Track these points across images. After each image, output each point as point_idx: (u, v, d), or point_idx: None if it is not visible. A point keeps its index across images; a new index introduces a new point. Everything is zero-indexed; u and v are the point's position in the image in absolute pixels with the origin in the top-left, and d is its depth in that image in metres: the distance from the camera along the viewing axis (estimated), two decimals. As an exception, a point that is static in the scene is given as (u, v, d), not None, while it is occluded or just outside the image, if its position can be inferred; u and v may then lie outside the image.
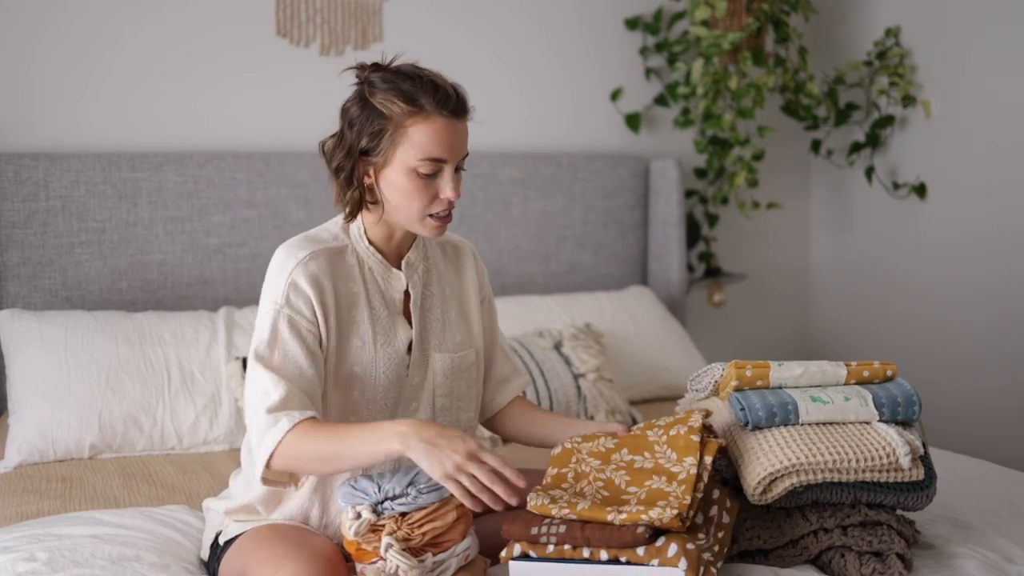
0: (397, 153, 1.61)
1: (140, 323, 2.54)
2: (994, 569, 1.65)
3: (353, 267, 1.70)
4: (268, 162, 2.85)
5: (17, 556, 1.69)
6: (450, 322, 1.79)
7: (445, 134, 1.61)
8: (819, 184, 3.73)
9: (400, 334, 1.72)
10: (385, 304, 1.72)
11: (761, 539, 1.68)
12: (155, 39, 2.82)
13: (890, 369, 1.77)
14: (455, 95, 1.62)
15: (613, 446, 1.67)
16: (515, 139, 3.28)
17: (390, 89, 1.61)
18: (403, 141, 1.61)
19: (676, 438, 1.64)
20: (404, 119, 1.60)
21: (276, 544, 1.60)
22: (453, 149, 1.63)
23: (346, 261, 1.69)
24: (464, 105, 1.64)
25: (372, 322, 1.69)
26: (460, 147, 1.64)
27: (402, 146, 1.61)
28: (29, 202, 2.61)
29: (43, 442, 2.32)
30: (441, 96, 1.60)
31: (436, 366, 1.75)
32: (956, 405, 3.18)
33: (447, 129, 1.61)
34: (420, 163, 1.61)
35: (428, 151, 1.60)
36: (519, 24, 3.26)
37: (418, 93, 1.60)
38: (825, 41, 3.60)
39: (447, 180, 1.63)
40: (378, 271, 1.72)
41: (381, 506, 1.55)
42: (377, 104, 1.61)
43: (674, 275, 3.32)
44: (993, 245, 3.10)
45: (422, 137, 1.60)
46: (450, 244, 1.86)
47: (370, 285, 1.71)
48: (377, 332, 1.69)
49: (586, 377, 2.70)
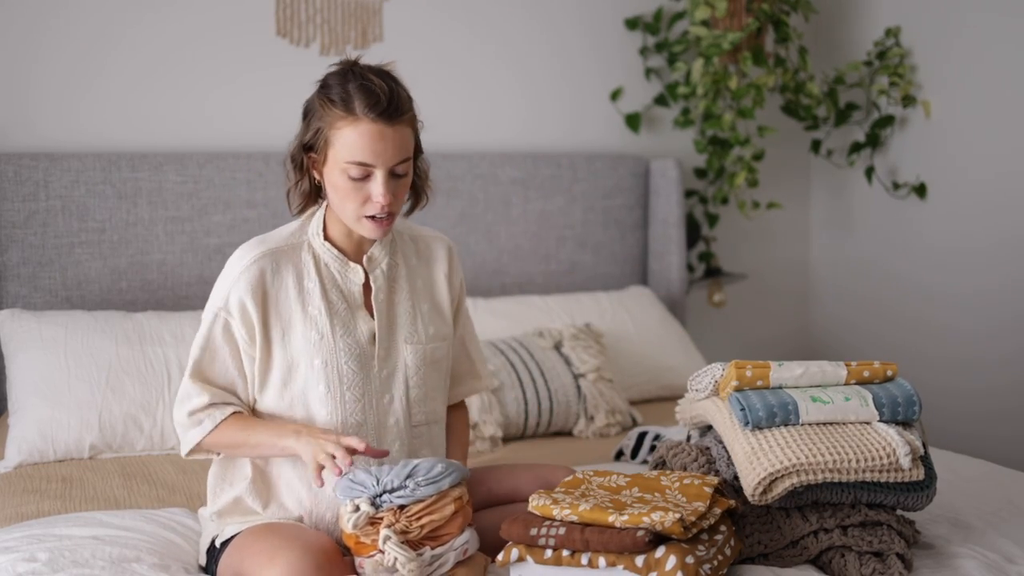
0: (330, 153, 1.67)
1: (140, 323, 2.54)
2: (994, 569, 1.65)
3: (308, 263, 1.74)
4: (268, 162, 2.85)
5: (17, 556, 1.69)
6: (423, 315, 1.82)
7: (370, 139, 1.63)
8: (819, 184, 3.73)
9: (361, 326, 1.75)
10: (343, 297, 1.76)
11: (762, 543, 1.68)
12: (155, 39, 2.82)
13: (890, 369, 1.77)
14: (387, 100, 1.63)
15: (624, 484, 1.67)
16: (515, 139, 3.28)
17: (333, 90, 1.66)
18: (335, 142, 1.65)
19: (689, 486, 1.64)
20: (336, 121, 1.65)
21: (271, 538, 1.62)
22: (381, 155, 1.64)
23: (301, 258, 1.74)
24: (396, 111, 1.64)
25: (330, 315, 1.73)
26: (390, 153, 1.65)
27: (333, 147, 1.66)
28: (29, 202, 2.61)
29: (43, 442, 2.32)
30: (371, 100, 1.62)
31: (408, 358, 1.78)
32: (956, 405, 3.18)
33: (373, 134, 1.63)
34: (348, 165, 1.65)
35: (353, 155, 1.64)
36: (519, 24, 3.26)
37: (351, 96, 1.63)
38: (825, 41, 3.60)
39: (378, 184, 1.65)
40: (334, 266, 1.76)
41: (379, 499, 1.57)
42: (319, 103, 1.67)
43: (674, 275, 3.32)
44: (993, 245, 3.10)
45: (349, 140, 1.64)
46: (423, 239, 1.89)
47: (326, 280, 1.75)
48: (335, 324, 1.73)
49: (586, 377, 2.70)
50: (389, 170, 1.66)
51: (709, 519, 1.55)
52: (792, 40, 3.29)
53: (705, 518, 1.55)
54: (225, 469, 1.78)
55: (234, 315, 1.70)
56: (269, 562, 1.54)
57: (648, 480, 1.67)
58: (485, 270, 3.10)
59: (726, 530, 1.60)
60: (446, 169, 3.05)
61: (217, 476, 1.79)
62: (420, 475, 1.58)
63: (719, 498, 1.63)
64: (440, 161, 3.05)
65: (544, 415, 2.62)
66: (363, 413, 1.74)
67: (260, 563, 1.56)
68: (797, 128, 3.61)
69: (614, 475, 1.69)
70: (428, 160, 1.81)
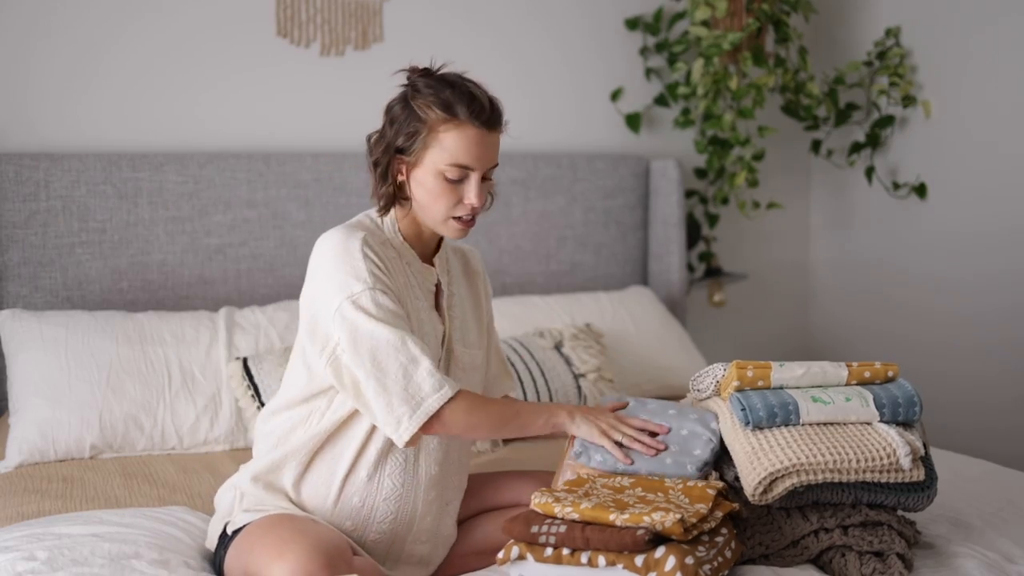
0: (428, 155, 1.70)
1: (141, 323, 2.54)
2: (994, 569, 1.65)
3: (395, 258, 1.75)
4: (268, 162, 2.85)
5: (17, 555, 1.69)
6: (468, 320, 1.87)
7: (474, 143, 1.69)
8: (819, 184, 3.73)
9: (436, 327, 1.78)
10: (424, 296, 1.78)
11: (763, 544, 1.68)
12: (156, 39, 2.82)
13: (891, 370, 1.77)
14: (489, 108, 1.71)
15: (628, 484, 1.67)
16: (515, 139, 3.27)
17: (431, 95, 1.69)
18: (435, 144, 1.69)
19: (692, 488, 1.63)
20: (438, 124, 1.68)
21: (281, 531, 1.62)
22: (480, 158, 1.70)
23: (391, 249, 1.75)
24: (497, 118, 1.73)
25: (417, 311, 1.75)
26: (488, 157, 1.72)
27: (433, 149, 1.69)
28: (30, 202, 2.62)
29: (44, 442, 2.32)
30: (476, 107, 1.68)
31: (460, 360, 1.82)
32: (956, 405, 3.18)
33: (477, 138, 1.69)
34: (447, 168, 1.69)
35: (456, 157, 1.68)
36: (519, 24, 3.26)
37: (455, 101, 1.68)
38: (825, 41, 3.60)
39: (472, 187, 1.71)
40: (414, 265, 1.78)
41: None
42: (416, 107, 1.70)
43: (674, 275, 3.32)
44: (993, 245, 3.10)
45: (452, 143, 1.68)
46: (460, 250, 1.95)
47: (410, 277, 1.77)
48: (423, 320, 1.75)
49: (586, 377, 2.70)
50: (482, 174, 1.72)
51: (711, 521, 1.55)
52: (792, 40, 3.29)
53: (707, 520, 1.54)
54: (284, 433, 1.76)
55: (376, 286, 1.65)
56: (278, 556, 1.54)
57: (652, 481, 1.67)
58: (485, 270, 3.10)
59: (727, 532, 1.59)
60: (446, 169, 3.05)
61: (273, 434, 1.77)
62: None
63: (722, 501, 1.63)
64: (440, 161, 3.05)
65: (544, 415, 2.62)
66: None
67: (269, 557, 1.56)
68: (797, 128, 3.61)
69: (618, 477, 1.69)
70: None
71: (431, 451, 1.78)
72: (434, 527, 1.82)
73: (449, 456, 1.81)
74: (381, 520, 1.76)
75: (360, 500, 1.74)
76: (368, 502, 1.75)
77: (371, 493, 1.74)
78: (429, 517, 1.80)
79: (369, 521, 1.75)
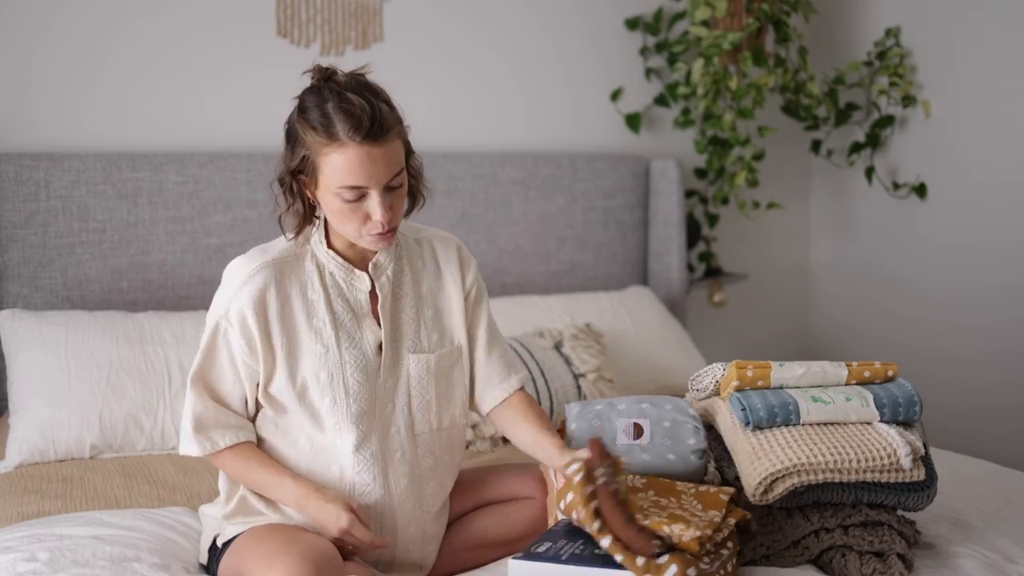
0: (320, 178, 1.63)
1: (141, 323, 2.54)
2: (994, 569, 1.65)
3: (312, 274, 1.72)
4: (268, 162, 2.85)
5: (18, 556, 1.69)
6: (425, 322, 1.79)
7: (358, 162, 1.58)
8: (819, 184, 3.73)
9: (368, 336, 1.73)
10: (349, 307, 1.73)
11: (764, 545, 1.68)
12: (156, 39, 2.82)
13: (891, 369, 1.77)
14: (369, 121, 1.57)
15: (640, 485, 1.65)
16: (515, 139, 3.28)
17: (310, 112, 1.61)
18: (323, 168, 1.61)
19: (705, 494, 1.62)
20: (320, 148, 1.60)
21: (271, 542, 1.61)
22: (372, 175, 1.60)
23: (304, 269, 1.72)
24: (381, 130, 1.59)
25: (335, 327, 1.71)
26: (381, 172, 1.60)
27: (322, 173, 1.62)
28: (30, 202, 2.61)
29: (44, 442, 2.31)
30: (353, 123, 1.57)
31: (410, 368, 1.76)
32: (957, 405, 3.18)
33: (360, 157, 1.58)
34: (340, 190, 1.61)
35: (344, 179, 1.60)
36: (519, 24, 3.26)
37: (333, 121, 1.58)
38: (825, 41, 3.60)
39: (374, 204, 1.62)
40: (339, 275, 1.73)
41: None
42: (300, 129, 1.63)
43: (674, 275, 3.32)
44: (993, 245, 3.10)
45: (337, 166, 1.59)
46: (428, 242, 1.85)
47: (331, 290, 1.72)
48: (340, 336, 1.71)
49: (586, 377, 2.70)
50: (383, 187, 1.62)
51: (723, 530, 1.54)
52: (792, 40, 3.29)
53: (719, 530, 1.53)
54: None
55: (234, 325, 1.69)
56: (268, 567, 1.54)
57: (664, 484, 1.66)
58: (485, 270, 3.10)
59: (732, 547, 1.57)
60: (446, 169, 3.05)
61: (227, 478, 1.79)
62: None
63: (734, 508, 1.61)
64: (440, 161, 3.05)
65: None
66: (368, 424, 1.72)
67: (260, 567, 1.56)
68: (797, 128, 3.61)
69: (629, 476, 1.67)
70: (421, 157, 1.76)
71: (396, 464, 1.74)
72: (420, 533, 1.79)
73: (420, 465, 1.77)
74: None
75: None
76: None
77: None
78: (412, 527, 1.77)
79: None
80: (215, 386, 1.72)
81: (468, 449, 2.46)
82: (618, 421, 1.78)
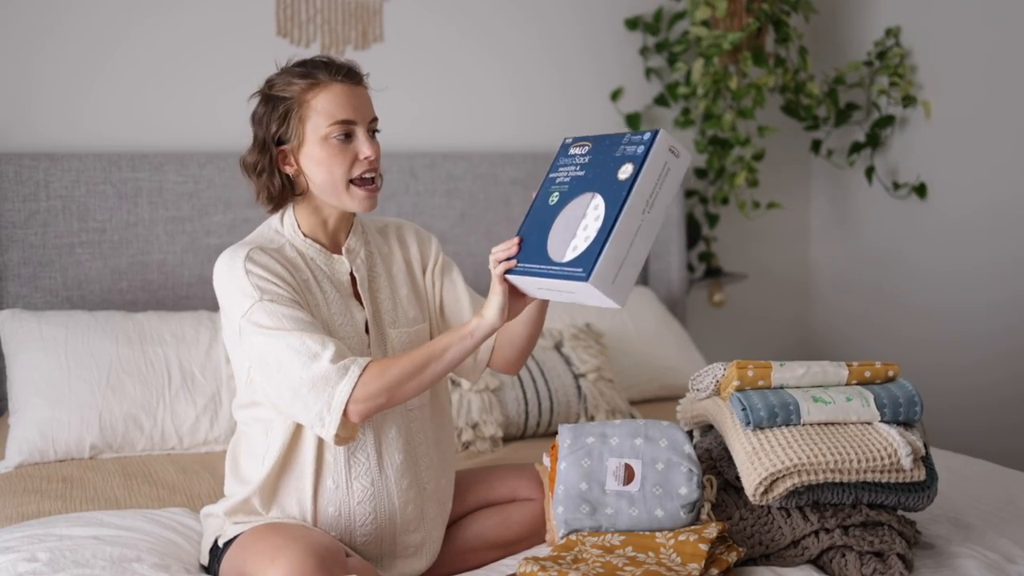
0: (307, 128, 1.70)
1: (140, 323, 2.54)
2: (994, 569, 1.65)
3: (296, 259, 1.75)
4: (268, 162, 2.85)
5: (18, 556, 1.69)
6: (401, 300, 1.84)
7: (345, 97, 1.70)
8: (819, 184, 3.73)
9: (356, 314, 1.77)
10: (335, 287, 1.77)
11: (763, 545, 1.68)
12: (156, 40, 2.82)
13: (892, 370, 1.77)
14: (346, 66, 1.72)
15: (619, 543, 1.64)
16: (515, 139, 3.28)
17: (286, 74, 1.73)
18: (309, 114, 1.69)
19: (684, 543, 1.60)
20: (305, 94, 1.70)
21: (273, 537, 1.62)
22: (358, 110, 1.71)
23: (287, 255, 1.75)
24: (357, 73, 1.73)
25: (327, 304, 1.74)
26: (365, 109, 1.72)
27: (310, 120, 1.69)
28: (30, 202, 2.61)
29: (43, 442, 2.31)
30: (333, 67, 1.70)
31: (395, 344, 1.80)
32: (957, 405, 3.18)
33: (346, 93, 1.70)
34: (330, 128, 1.69)
35: (334, 115, 1.69)
36: (519, 25, 3.26)
37: (311, 69, 1.71)
38: (825, 41, 3.60)
39: (362, 141, 1.71)
40: (320, 259, 1.77)
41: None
42: (277, 92, 1.72)
43: (674, 275, 3.32)
44: (993, 245, 3.10)
45: (326, 104, 1.69)
46: (389, 226, 1.92)
47: (317, 272, 1.76)
48: (334, 312, 1.74)
49: (586, 377, 2.70)
50: (367, 127, 1.72)
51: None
52: (792, 40, 3.29)
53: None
54: (239, 467, 1.79)
55: (270, 283, 1.65)
56: (271, 562, 1.54)
57: (643, 538, 1.64)
58: (485, 270, 3.10)
59: None
60: (446, 169, 3.05)
61: (232, 473, 1.80)
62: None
63: (717, 556, 1.59)
64: (440, 161, 3.05)
65: (544, 415, 2.62)
66: None
67: (263, 563, 1.56)
68: (797, 128, 3.61)
69: (608, 534, 1.66)
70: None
71: (391, 440, 1.76)
72: (418, 513, 1.80)
73: (413, 440, 1.79)
74: (362, 523, 1.75)
75: (336, 510, 1.74)
76: (344, 510, 1.74)
77: (344, 501, 1.74)
78: (411, 506, 1.78)
79: (351, 527, 1.75)
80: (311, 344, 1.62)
81: (468, 449, 2.47)
82: (609, 461, 1.73)
